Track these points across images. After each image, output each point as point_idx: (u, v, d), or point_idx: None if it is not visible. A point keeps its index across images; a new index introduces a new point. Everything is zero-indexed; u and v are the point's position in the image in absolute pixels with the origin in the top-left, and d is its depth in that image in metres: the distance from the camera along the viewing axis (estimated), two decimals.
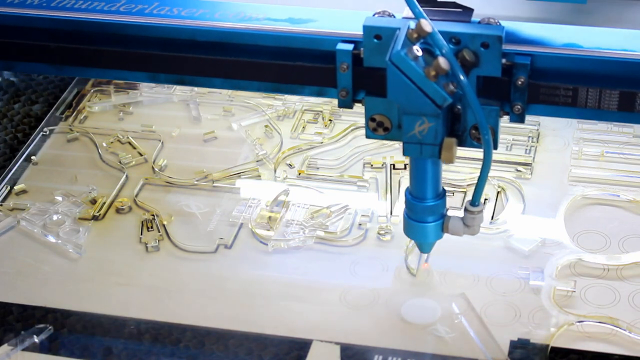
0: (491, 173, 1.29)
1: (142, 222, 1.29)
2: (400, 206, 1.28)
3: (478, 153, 1.34)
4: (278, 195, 1.31)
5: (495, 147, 0.97)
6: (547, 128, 1.39)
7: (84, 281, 1.21)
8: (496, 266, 1.19)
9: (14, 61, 1.13)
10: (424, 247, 1.08)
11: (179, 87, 1.51)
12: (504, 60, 0.94)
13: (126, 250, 1.25)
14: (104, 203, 1.32)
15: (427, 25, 0.90)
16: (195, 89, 1.51)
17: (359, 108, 1.46)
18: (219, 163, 1.37)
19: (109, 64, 1.09)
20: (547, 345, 1.09)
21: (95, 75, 1.19)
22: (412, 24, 0.92)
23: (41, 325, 1.15)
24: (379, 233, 1.25)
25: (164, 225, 1.28)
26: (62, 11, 1.08)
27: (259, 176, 1.35)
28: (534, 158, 1.34)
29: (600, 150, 1.35)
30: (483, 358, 1.08)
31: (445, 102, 0.92)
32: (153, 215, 1.29)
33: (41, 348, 1.13)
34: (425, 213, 1.04)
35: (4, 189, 1.35)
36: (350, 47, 0.98)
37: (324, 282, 1.19)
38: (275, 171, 1.36)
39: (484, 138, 0.94)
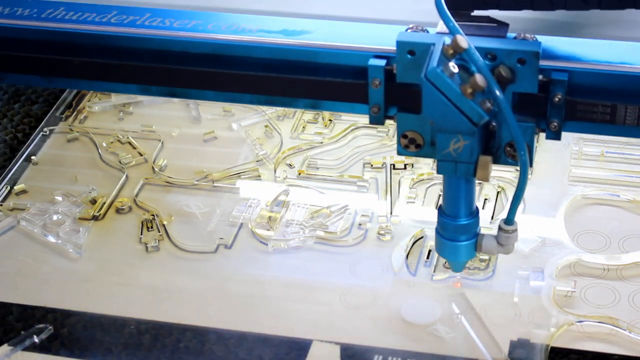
0: (492, 173, 1.30)
1: (142, 222, 1.29)
2: (400, 206, 1.28)
3: None
4: (278, 195, 1.31)
5: (531, 165, 0.94)
6: None
7: (84, 281, 1.21)
8: (496, 266, 1.19)
9: (3, 72, 1.11)
10: (456, 266, 1.04)
11: None
12: (540, 77, 0.91)
13: (126, 250, 1.25)
14: (104, 203, 1.32)
15: (463, 41, 0.88)
16: None
17: None
18: (219, 163, 1.37)
19: (100, 75, 1.06)
20: (547, 345, 1.09)
21: (86, 87, 1.18)
22: (447, 40, 0.89)
23: (41, 325, 1.15)
24: (379, 233, 1.25)
25: (164, 225, 1.28)
26: (52, 22, 1.06)
27: (259, 176, 1.35)
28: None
29: (600, 150, 1.35)
30: (483, 358, 1.08)
31: (482, 120, 0.90)
32: (153, 215, 1.29)
33: (41, 348, 1.13)
34: (458, 232, 1.00)
35: (4, 189, 1.35)
36: (382, 62, 0.96)
37: (324, 282, 1.19)
38: (275, 171, 1.36)
39: (520, 156, 0.92)
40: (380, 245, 1.23)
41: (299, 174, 1.35)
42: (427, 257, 1.21)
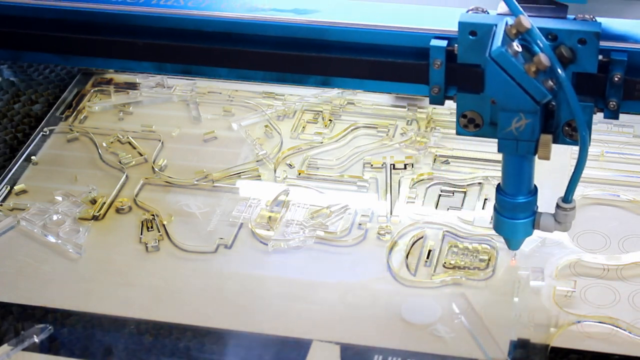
0: (491, 173, 1.30)
1: (142, 222, 1.29)
2: (399, 206, 1.28)
3: (478, 153, 1.35)
4: (278, 195, 1.31)
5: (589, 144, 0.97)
6: None
7: (84, 281, 1.21)
8: (496, 266, 1.19)
9: (21, 51, 1.15)
10: (513, 243, 1.08)
11: (179, 87, 1.51)
12: (600, 57, 0.94)
13: (126, 250, 1.25)
14: (104, 203, 1.32)
15: (526, 21, 0.91)
16: (196, 88, 1.51)
17: (358, 107, 1.47)
18: (219, 163, 1.37)
19: (116, 54, 1.11)
20: (547, 345, 1.09)
21: (101, 65, 1.20)
22: (510, 20, 0.92)
23: (41, 325, 1.15)
24: (379, 233, 1.25)
25: (164, 225, 1.28)
26: (68, 1, 1.10)
27: (259, 176, 1.35)
28: None
29: (600, 150, 1.35)
30: (483, 358, 1.08)
31: (545, 99, 0.93)
32: (153, 215, 1.29)
33: (41, 348, 1.13)
34: (517, 210, 1.04)
35: (4, 189, 1.35)
36: (444, 43, 0.99)
37: (324, 282, 1.19)
38: (275, 171, 1.36)
39: (581, 135, 0.95)
40: (380, 245, 1.23)
41: (299, 174, 1.35)
42: (427, 257, 1.21)
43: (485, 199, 1.28)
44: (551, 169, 1.32)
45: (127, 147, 1.42)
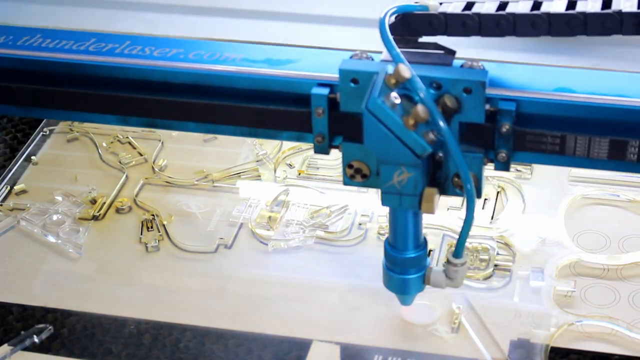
0: (491, 173, 1.30)
1: (142, 222, 1.29)
2: None
3: None
4: (278, 195, 1.31)
5: (479, 196, 0.91)
6: None
7: (84, 281, 1.21)
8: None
9: None
10: (405, 299, 1.03)
11: None
12: (487, 106, 0.88)
13: (126, 250, 1.25)
14: (104, 203, 1.32)
15: (405, 70, 0.85)
16: None
17: None
18: (219, 163, 1.37)
19: (78, 106, 1.02)
20: (547, 345, 1.09)
21: (63, 117, 1.09)
22: (390, 68, 0.87)
23: (41, 325, 1.15)
24: (379, 233, 1.25)
25: (164, 225, 1.28)
26: (28, 50, 1.02)
27: (259, 176, 1.35)
28: None
29: None
30: (483, 358, 1.08)
31: (425, 152, 0.87)
32: (153, 215, 1.29)
33: (41, 348, 1.13)
34: (406, 265, 0.99)
35: (4, 189, 1.35)
36: (325, 91, 0.92)
37: (324, 282, 1.19)
38: (275, 171, 1.36)
39: (466, 188, 0.88)
40: (380, 245, 1.23)
41: (299, 174, 1.35)
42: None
43: (485, 199, 1.28)
44: (552, 169, 1.33)
45: (127, 147, 1.42)
